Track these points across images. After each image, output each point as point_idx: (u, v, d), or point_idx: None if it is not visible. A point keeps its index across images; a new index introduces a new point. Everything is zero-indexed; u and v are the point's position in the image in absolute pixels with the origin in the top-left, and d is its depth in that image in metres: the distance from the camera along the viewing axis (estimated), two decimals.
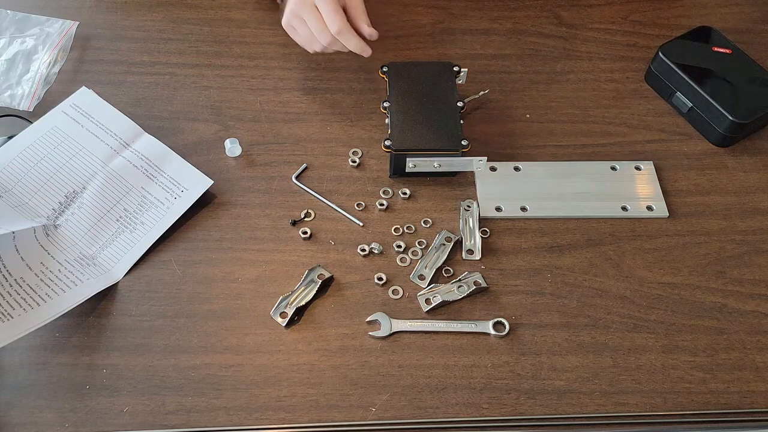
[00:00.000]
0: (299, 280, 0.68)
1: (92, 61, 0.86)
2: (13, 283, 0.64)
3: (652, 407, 0.62)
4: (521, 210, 0.74)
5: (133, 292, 0.68)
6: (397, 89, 0.76)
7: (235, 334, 0.66)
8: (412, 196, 0.75)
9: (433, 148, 0.72)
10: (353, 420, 0.61)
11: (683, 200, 0.75)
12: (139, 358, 0.64)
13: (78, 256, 0.69)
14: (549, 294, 0.69)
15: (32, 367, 0.64)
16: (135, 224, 0.72)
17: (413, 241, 0.72)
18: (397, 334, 0.66)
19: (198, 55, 0.87)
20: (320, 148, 0.79)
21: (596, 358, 0.65)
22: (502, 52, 0.89)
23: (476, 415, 0.62)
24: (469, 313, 0.67)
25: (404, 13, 0.84)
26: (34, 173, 0.73)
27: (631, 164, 0.78)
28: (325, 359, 0.64)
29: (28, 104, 0.81)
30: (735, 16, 0.93)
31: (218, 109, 0.82)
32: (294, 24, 0.76)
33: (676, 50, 0.82)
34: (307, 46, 0.78)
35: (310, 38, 0.76)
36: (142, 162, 0.75)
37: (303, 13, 0.74)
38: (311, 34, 0.75)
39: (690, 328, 0.67)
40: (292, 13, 0.75)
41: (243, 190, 0.75)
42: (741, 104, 0.77)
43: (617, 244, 0.72)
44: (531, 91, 0.85)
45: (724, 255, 0.72)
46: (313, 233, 0.72)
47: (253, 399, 0.62)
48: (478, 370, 0.64)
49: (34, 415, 0.61)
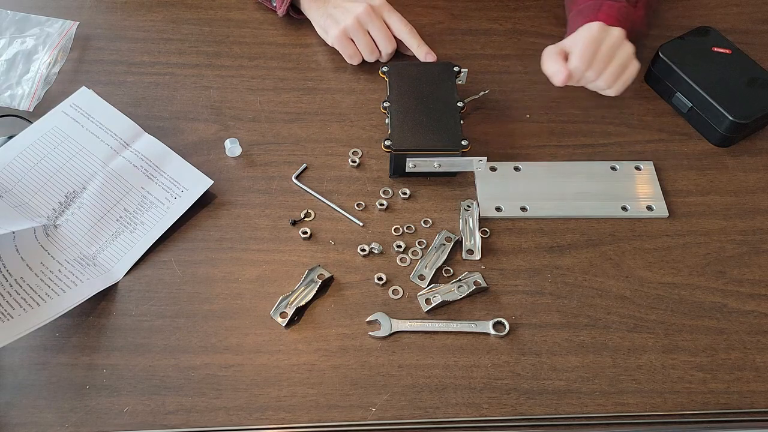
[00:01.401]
0: (299, 280, 0.68)
1: (92, 61, 0.86)
2: (13, 283, 0.64)
3: (652, 407, 0.62)
4: (521, 210, 0.74)
5: (133, 292, 0.68)
6: (397, 89, 0.76)
7: (235, 334, 0.66)
8: (412, 196, 0.75)
9: (433, 148, 0.72)
10: (353, 420, 0.61)
11: (683, 200, 0.75)
12: (139, 358, 0.64)
13: (78, 256, 0.69)
14: (549, 294, 0.69)
15: (32, 367, 0.64)
16: (135, 224, 0.72)
17: (413, 241, 0.72)
18: (397, 334, 0.66)
19: (198, 55, 0.87)
20: (320, 148, 0.79)
21: (596, 358, 0.65)
22: (502, 52, 0.89)
23: (476, 415, 0.62)
24: (469, 313, 0.67)
25: (404, 14, 0.84)
26: (34, 173, 0.73)
27: (631, 164, 0.78)
28: (325, 359, 0.64)
29: (28, 104, 0.81)
30: (735, 16, 0.93)
31: (218, 109, 0.82)
32: (355, 35, 0.82)
33: (676, 50, 0.82)
34: (366, 55, 0.84)
35: (371, 48, 0.83)
36: (142, 162, 0.75)
37: (370, 23, 0.82)
38: (371, 44, 0.83)
39: (690, 328, 0.67)
40: (357, 24, 0.82)
41: (243, 190, 0.75)
42: (741, 104, 0.77)
43: (617, 244, 0.72)
44: (531, 91, 0.85)
45: (724, 255, 0.72)
46: (313, 233, 0.72)
47: (253, 399, 0.62)
48: (478, 370, 0.64)
49: (34, 415, 0.61)
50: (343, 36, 0.83)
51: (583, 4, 0.79)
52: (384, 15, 0.83)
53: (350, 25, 0.82)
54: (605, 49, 0.72)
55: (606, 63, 0.73)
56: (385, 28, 0.82)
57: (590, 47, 0.72)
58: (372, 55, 0.84)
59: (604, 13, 0.76)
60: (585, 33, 0.73)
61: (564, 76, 0.71)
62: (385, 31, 0.82)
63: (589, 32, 0.73)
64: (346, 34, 0.83)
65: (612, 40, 0.73)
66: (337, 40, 0.83)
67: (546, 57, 0.74)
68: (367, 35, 0.83)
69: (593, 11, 0.76)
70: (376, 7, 0.82)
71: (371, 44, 0.83)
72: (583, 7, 0.78)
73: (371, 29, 0.82)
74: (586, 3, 0.78)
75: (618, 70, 0.73)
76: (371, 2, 0.82)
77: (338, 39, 0.83)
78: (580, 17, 0.77)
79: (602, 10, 0.76)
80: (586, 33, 0.73)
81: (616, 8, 0.76)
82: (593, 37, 0.72)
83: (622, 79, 0.74)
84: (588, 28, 0.73)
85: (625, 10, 0.77)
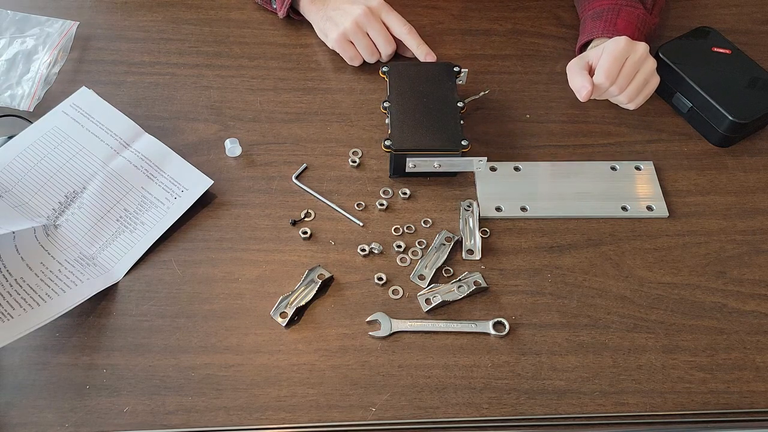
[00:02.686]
0: (299, 280, 0.68)
1: (92, 61, 0.86)
2: (13, 283, 0.64)
3: (652, 407, 0.62)
4: (521, 210, 0.74)
5: (133, 292, 0.68)
6: (397, 89, 0.76)
7: (235, 334, 0.66)
8: (412, 196, 0.75)
9: (433, 148, 0.72)
10: (353, 420, 0.61)
11: (683, 200, 0.76)
12: (139, 358, 0.64)
13: (78, 256, 0.69)
14: (549, 294, 0.69)
15: (32, 367, 0.63)
16: (135, 224, 0.72)
17: (413, 241, 0.72)
18: (397, 334, 0.66)
19: (198, 55, 0.87)
20: (320, 148, 0.79)
21: (596, 358, 0.65)
22: (502, 52, 0.89)
23: (476, 415, 0.62)
24: (469, 313, 0.67)
25: (404, 14, 0.84)
26: (34, 173, 0.73)
27: (631, 164, 0.78)
28: (325, 359, 0.64)
29: (28, 104, 0.81)
30: (735, 17, 0.93)
31: (218, 109, 0.82)
32: (355, 37, 0.82)
33: (676, 50, 0.82)
34: (366, 57, 0.84)
35: (371, 49, 0.83)
36: (142, 162, 0.75)
37: (369, 25, 0.82)
38: (371, 46, 0.83)
39: (690, 328, 0.67)
40: (355, 27, 0.82)
41: (243, 190, 0.75)
42: (741, 104, 0.77)
43: (617, 244, 0.72)
44: (531, 91, 0.85)
45: (724, 255, 0.72)
46: (313, 233, 0.72)
47: (253, 399, 0.62)
48: (478, 370, 0.64)
49: (34, 415, 0.61)
50: (343, 39, 0.83)
51: (600, 7, 0.79)
52: (382, 16, 0.83)
53: (349, 28, 0.82)
54: (630, 64, 0.72)
55: (629, 79, 0.73)
56: (384, 29, 0.82)
57: (616, 64, 0.72)
58: (372, 56, 0.84)
59: (623, 20, 0.76)
60: (612, 48, 0.72)
61: (587, 92, 0.72)
62: (384, 32, 0.82)
63: (616, 47, 0.72)
64: (346, 36, 0.83)
65: (637, 56, 0.73)
66: (337, 43, 0.83)
67: (571, 71, 0.74)
68: (367, 37, 0.83)
69: (612, 15, 0.76)
70: (374, 8, 0.82)
71: (371, 46, 0.83)
72: (601, 11, 0.78)
73: (370, 31, 0.82)
74: (603, 6, 0.78)
75: (640, 86, 0.74)
76: (369, 3, 0.82)
77: (338, 42, 0.83)
78: (599, 21, 0.77)
79: (621, 17, 0.76)
80: (612, 48, 0.72)
81: (636, 15, 0.77)
82: (620, 53, 0.72)
83: (643, 94, 0.75)
84: (615, 43, 0.73)
85: (643, 17, 0.77)
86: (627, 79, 0.73)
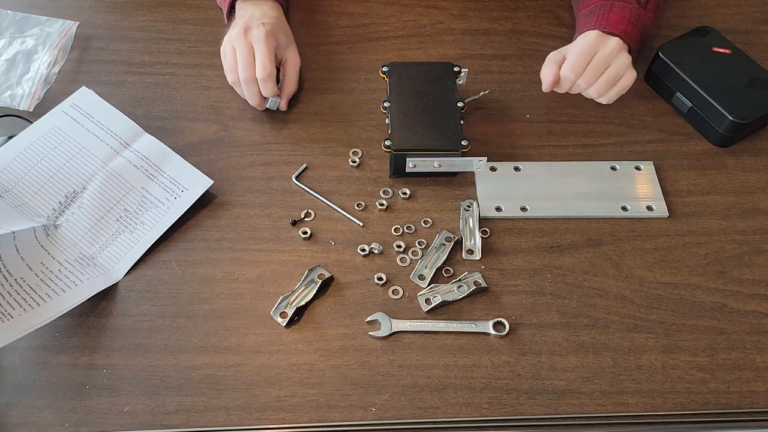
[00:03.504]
0: (299, 280, 0.68)
1: (92, 61, 0.86)
2: (13, 283, 0.64)
3: (652, 407, 0.62)
4: (521, 210, 0.74)
5: (133, 292, 0.68)
6: (397, 89, 0.76)
7: (235, 334, 0.66)
8: (412, 196, 0.75)
9: (433, 148, 0.72)
10: (353, 420, 0.61)
11: (683, 200, 0.75)
12: (139, 358, 0.64)
13: (78, 256, 0.69)
14: (549, 294, 0.69)
15: (32, 367, 0.64)
16: (135, 224, 0.72)
17: (413, 241, 0.72)
18: (397, 334, 0.66)
19: (198, 55, 0.87)
20: (320, 148, 0.79)
21: (596, 358, 0.65)
22: (502, 52, 0.89)
23: (476, 415, 0.62)
24: (469, 313, 0.67)
25: (404, 14, 0.84)
26: (34, 173, 0.73)
27: (631, 164, 0.78)
28: (325, 359, 0.64)
29: (28, 104, 0.81)
30: (735, 16, 0.93)
31: (218, 109, 0.82)
32: (227, 50, 0.77)
33: (676, 50, 0.82)
34: (227, 73, 0.78)
35: (233, 67, 0.77)
36: (142, 162, 0.75)
37: (238, 43, 0.76)
38: (235, 65, 0.76)
39: (690, 328, 0.67)
40: (230, 40, 0.77)
41: (243, 190, 0.75)
42: (741, 104, 0.77)
43: (617, 244, 0.72)
44: (531, 91, 0.85)
45: (724, 255, 0.72)
46: (313, 233, 0.72)
47: (253, 399, 0.62)
48: (478, 370, 0.64)
49: (34, 415, 0.61)
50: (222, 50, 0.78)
51: (593, 4, 0.79)
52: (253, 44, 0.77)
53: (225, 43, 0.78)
54: (600, 58, 0.72)
55: (598, 72, 0.73)
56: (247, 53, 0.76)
57: (582, 57, 0.72)
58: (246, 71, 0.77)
59: (615, 14, 0.76)
60: (580, 42, 0.74)
61: (549, 82, 0.73)
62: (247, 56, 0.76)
63: (584, 41, 0.73)
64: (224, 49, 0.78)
65: (607, 50, 0.73)
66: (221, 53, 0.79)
67: (545, 62, 0.75)
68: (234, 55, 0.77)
69: (604, 11, 0.76)
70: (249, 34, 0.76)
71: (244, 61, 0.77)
72: (594, 7, 0.78)
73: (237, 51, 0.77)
74: (596, 2, 0.78)
75: (611, 81, 0.73)
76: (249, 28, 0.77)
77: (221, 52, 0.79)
78: (592, 17, 0.77)
79: (614, 11, 0.76)
80: (580, 42, 0.73)
81: (629, 10, 0.76)
82: (587, 46, 0.73)
83: (614, 89, 0.74)
84: (585, 37, 0.74)
85: (636, 12, 0.77)
86: (595, 72, 0.73)
